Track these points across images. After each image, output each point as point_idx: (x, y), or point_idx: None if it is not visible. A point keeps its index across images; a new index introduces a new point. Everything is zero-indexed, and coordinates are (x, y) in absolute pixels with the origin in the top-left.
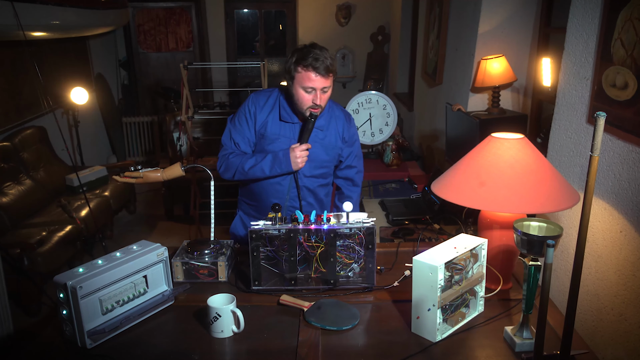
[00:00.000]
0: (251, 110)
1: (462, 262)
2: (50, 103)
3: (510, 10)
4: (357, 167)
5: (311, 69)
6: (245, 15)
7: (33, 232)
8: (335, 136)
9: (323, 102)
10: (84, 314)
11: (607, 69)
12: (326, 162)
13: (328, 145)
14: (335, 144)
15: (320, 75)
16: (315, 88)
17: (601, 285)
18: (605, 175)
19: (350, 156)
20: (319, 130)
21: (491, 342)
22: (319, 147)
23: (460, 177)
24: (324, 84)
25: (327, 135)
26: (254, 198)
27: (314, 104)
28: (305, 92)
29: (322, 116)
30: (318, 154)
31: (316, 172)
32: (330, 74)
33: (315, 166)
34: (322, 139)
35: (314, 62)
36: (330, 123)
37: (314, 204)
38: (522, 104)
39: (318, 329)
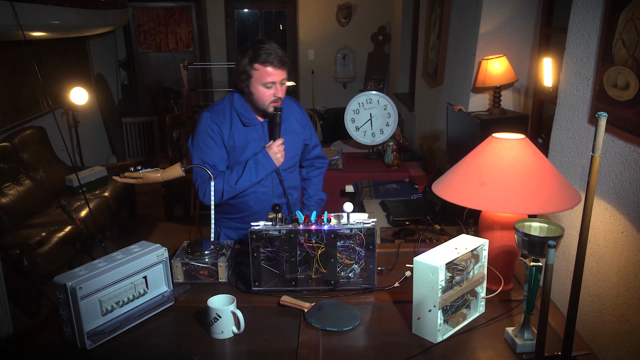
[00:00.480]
0: (214, 129)
1: (463, 262)
2: (50, 103)
3: (511, 11)
4: (319, 144)
5: (268, 64)
6: (245, 15)
7: (33, 232)
8: (295, 123)
9: (282, 93)
10: (83, 315)
11: (608, 69)
12: (296, 151)
13: (294, 134)
14: (299, 130)
15: (276, 68)
16: (275, 82)
17: (602, 286)
18: (607, 175)
19: (312, 137)
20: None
21: (492, 343)
22: (287, 139)
23: (461, 177)
24: (282, 76)
25: (290, 124)
26: (238, 210)
27: (276, 97)
28: (265, 88)
29: None
30: (287, 147)
31: (290, 162)
32: (285, 65)
33: (289, 157)
34: (285, 129)
35: (268, 57)
36: (287, 114)
37: (291, 192)
38: (523, 104)
39: (318, 329)
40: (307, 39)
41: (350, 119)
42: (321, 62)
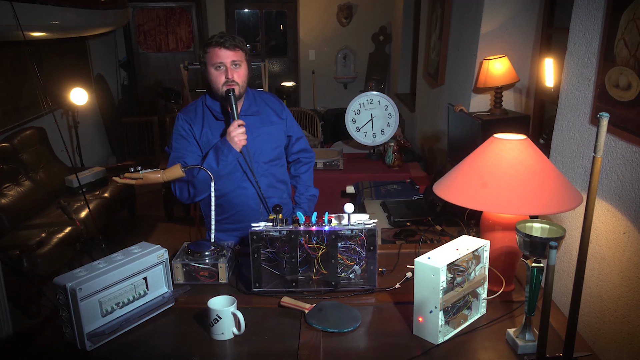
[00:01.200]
0: (185, 127)
1: (464, 263)
2: (50, 104)
3: (513, 11)
4: (302, 137)
5: (215, 45)
6: (245, 16)
7: (32, 233)
8: (273, 114)
9: (238, 78)
10: (83, 316)
11: (610, 69)
12: (277, 142)
13: (271, 124)
14: (277, 121)
15: (225, 48)
16: (224, 62)
17: (604, 287)
18: (609, 176)
19: (294, 129)
20: (256, 115)
21: (493, 344)
22: (263, 131)
23: (462, 178)
24: (232, 57)
25: (267, 116)
26: (224, 210)
27: (227, 79)
28: (216, 70)
29: (252, 103)
30: (265, 139)
31: (271, 155)
32: (238, 48)
33: (268, 149)
34: (263, 122)
35: (218, 39)
36: (262, 106)
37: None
38: (524, 104)
39: (319, 331)
40: (307, 39)
41: (351, 120)
42: (322, 62)
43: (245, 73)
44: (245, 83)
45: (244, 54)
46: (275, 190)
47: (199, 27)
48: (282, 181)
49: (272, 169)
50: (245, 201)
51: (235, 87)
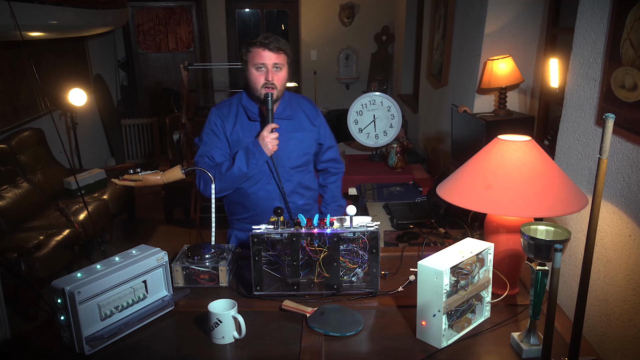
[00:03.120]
0: (217, 123)
1: (468, 266)
2: (48, 104)
3: (517, 10)
4: (334, 146)
5: (259, 46)
6: (246, 15)
7: (30, 236)
8: (306, 120)
9: (277, 81)
10: (82, 319)
11: (616, 69)
12: (306, 149)
13: (303, 131)
14: (309, 127)
15: (269, 50)
16: (266, 64)
17: (610, 290)
18: (614, 178)
19: (327, 137)
20: (289, 120)
21: (497, 348)
22: (295, 136)
23: (466, 180)
24: (274, 60)
25: (300, 122)
26: (245, 210)
27: (267, 81)
28: (256, 70)
29: (286, 107)
30: (295, 144)
31: (299, 161)
32: (281, 52)
33: (296, 155)
34: (296, 127)
35: (262, 40)
36: (297, 111)
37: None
38: (529, 105)
39: (321, 335)
40: (309, 39)
41: (353, 121)
42: (323, 62)
43: (285, 77)
44: (284, 87)
45: (287, 57)
46: (298, 195)
47: (199, 27)
48: (306, 187)
49: (298, 175)
50: (268, 203)
51: (274, 91)
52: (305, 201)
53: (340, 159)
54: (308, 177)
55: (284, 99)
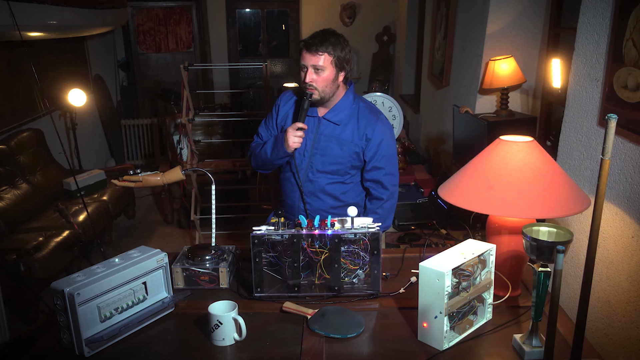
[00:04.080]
0: (278, 104)
1: (469, 268)
2: (47, 105)
3: (519, 10)
4: (385, 169)
5: (302, 46)
6: (247, 15)
7: (30, 237)
8: (353, 133)
9: (318, 82)
10: (81, 321)
11: (618, 70)
12: (340, 158)
13: (343, 141)
14: (351, 141)
15: (307, 51)
16: (306, 65)
17: (612, 291)
18: (617, 179)
19: (376, 157)
20: (336, 124)
21: (499, 350)
22: (334, 141)
23: (467, 181)
24: (311, 61)
25: (344, 131)
26: (281, 193)
27: (304, 82)
28: (301, 70)
29: (342, 111)
30: (332, 149)
31: (329, 167)
32: (321, 53)
33: (328, 161)
34: (339, 134)
35: (307, 39)
36: (350, 119)
37: (330, 202)
38: (531, 105)
39: (322, 336)
40: None
41: None
42: None
43: (328, 78)
44: (330, 88)
45: (332, 57)
46: (316, 199)
47: (200, 27)
48: (330, 195)
49: (324, 180)
50: (289, 193)
51: (314, 91)
52: (326, 208)
53: (389, 184)
54: (336, 187)
55: (344, 103)
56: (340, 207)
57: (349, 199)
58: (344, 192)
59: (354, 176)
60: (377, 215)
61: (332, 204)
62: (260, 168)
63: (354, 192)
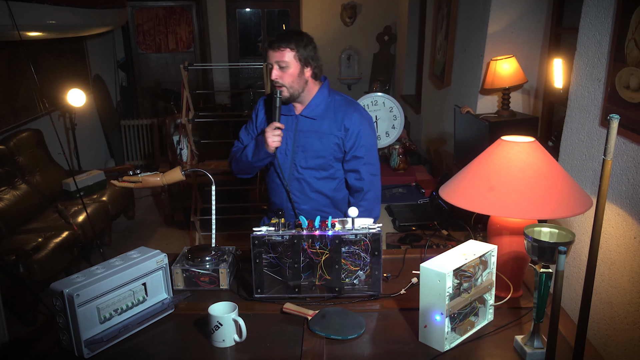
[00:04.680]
0: (257, 108)
1: (471, 269)
2: (47, 105)
3: (521, 10)
4: (364, 159)
5: (267, 45)
6: (247, 15)
7: (29, 238)
8: (331, 125)
9: (283, 79)
10: (81, 322)
11: (620, 70)
12: (321, 152)
13: (323, 134)
14: (330, 132)
15: (271, 49)
16: (271, 63)
17: (614, 293)
18: (619, 179)
19: (354, 146)
20: (312, 119)
21: (501, 351)
22: (313, 136)
23: (469, 181)
24: (276, 58)
25: (322, 124)
26: (269, 198)
27: (272, 80)
28: (268, 69)
29: (318, 107)
30: (312, 143)
31: (312, 162)
32: (283, 48)
33: (310, 156)
34: (318, 128)
35: (271, 39)
36: (327, 112)
37: (321, 200)
38: (532, 106)
39: (322, 338)
40: None
41: None
42: (325, 62)
43: (294, 74)
44: (298, 84)
45: (295, 53)
46: (306, 198)
47: (200, 26)
48: (318, 192)
49: (309, 177)
50: (276, 194)
51: (282, 89)
52: (315, 206)
53: (366, 174)
54: (323, 182)
55: (318, 98)
56: (331, 206)
57: (337, 195)
58: (333, 189)
59: (339, 170)
60: (361, 208)
61: (324, 203)
62: (242, 172)
63: (340, 188)
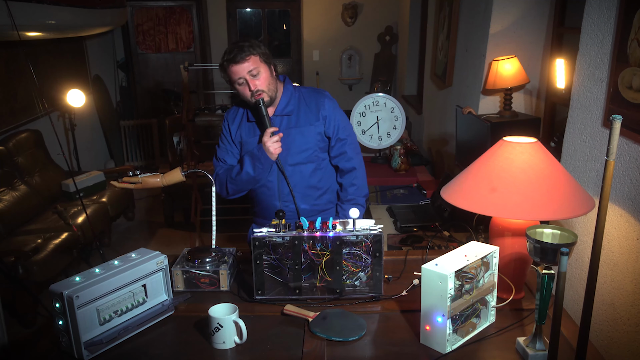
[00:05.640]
0: (225, 126)
1: (472, 270)
2: (46, 106)
3: (523, 10)
4: (347, 139)
5: (228, 64)
6: (248, 15)
7: (28, 239)
8: (308, 116)
9: (261, 85)
10: (80, 324)
11: (623, 70)
12: (305, 144)
13: (302, 127)
14: (310, 124)
15: (236, 64)
16: (243, 76)
17: (617, 294)
18: (622, 180)
19: (336, 130)
20: (288, 115)
21: (503, 353)
22: (293, 132)
23: (470, 182)
24: (246, 69)
25: (299, 117)
26: (255, 203)
27: (251, 91)
28: (239, 85)
29: (288, 103)
30: (294, 139)
31: (298, 157)
32: (249, 57)
33: (295, 152)
34: (296, 122)
35: (229, 56)
36: (299, 105)
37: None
38: (535, 106)
39: (323, 339)
40: (311, 39)
41: (356, 122)
42: (326, 63)
43: (268, 76)
44: (273, 84)
45: (259, 57)
46: (301, 195)
47: (200, 26)
48: (313, 187)
49: (300, 173)
50: (268, 199)
51: (264, 95)
52: (314, 202)
53: (353, 153)
54: (315, 175)
55: (286, 95)
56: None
57: (326, 185)
58: (320, 179)
59: (324, 160)
60: (355, 186)
61: (317, 195)
62: (238, 192)
63: (328, 177)
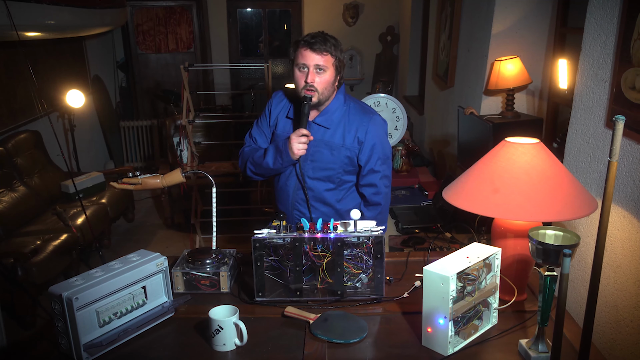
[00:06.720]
0: (269, 106)
1: (474, 272)
2: (45, 106)
3: (525, 10)
4: (381, 172)
5: (303, 45)
6: (248, 15)
7: (27, 241)
8: (344, 136)
9: (319, 84)
10: (80, 326)
11: (626, 70)
12: (331, 164)
13: (334, 146)
14: (342, 145)
15: (312, 50)
16: (307, 65)
17: (620, 296)
18: (625, 181)
19: (370, 160)
20: (326, 128)
21: (505, 355)
22: (324, 146)
23: (472, 183)
24: (316, 61)
25: (334, 135)
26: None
27: (306, 83)
28: (299, 70)
29: (334, 115)
30: (322, 154)
31: (320, 174)
32: (326, 53)
33: (318, 167)
34: (329, 139)
35: (308, 39)
36: (341, 121)
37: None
38: (537, 107)
39: (324, 342)
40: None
41: None
42: None
43: (329, 80)
44: (329, 91)
45: (334, 59)
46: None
47: (200, 27)
48: (322, 201)
49: (315, 187)
50: (284, 202)
51: (314, 94)
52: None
53: (383, 187)
54: (329, 193)
55: (333, 106)
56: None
57: (345, 207)
58: (339, 200)
59: (348, 183)
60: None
61: (326, 212)
62: (258, 175)
63: (349, 200)
